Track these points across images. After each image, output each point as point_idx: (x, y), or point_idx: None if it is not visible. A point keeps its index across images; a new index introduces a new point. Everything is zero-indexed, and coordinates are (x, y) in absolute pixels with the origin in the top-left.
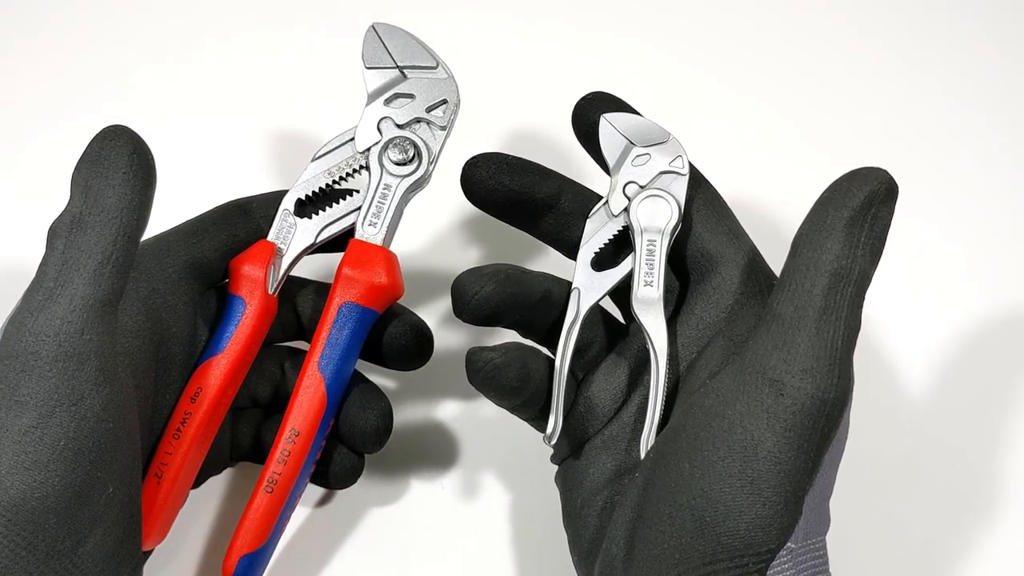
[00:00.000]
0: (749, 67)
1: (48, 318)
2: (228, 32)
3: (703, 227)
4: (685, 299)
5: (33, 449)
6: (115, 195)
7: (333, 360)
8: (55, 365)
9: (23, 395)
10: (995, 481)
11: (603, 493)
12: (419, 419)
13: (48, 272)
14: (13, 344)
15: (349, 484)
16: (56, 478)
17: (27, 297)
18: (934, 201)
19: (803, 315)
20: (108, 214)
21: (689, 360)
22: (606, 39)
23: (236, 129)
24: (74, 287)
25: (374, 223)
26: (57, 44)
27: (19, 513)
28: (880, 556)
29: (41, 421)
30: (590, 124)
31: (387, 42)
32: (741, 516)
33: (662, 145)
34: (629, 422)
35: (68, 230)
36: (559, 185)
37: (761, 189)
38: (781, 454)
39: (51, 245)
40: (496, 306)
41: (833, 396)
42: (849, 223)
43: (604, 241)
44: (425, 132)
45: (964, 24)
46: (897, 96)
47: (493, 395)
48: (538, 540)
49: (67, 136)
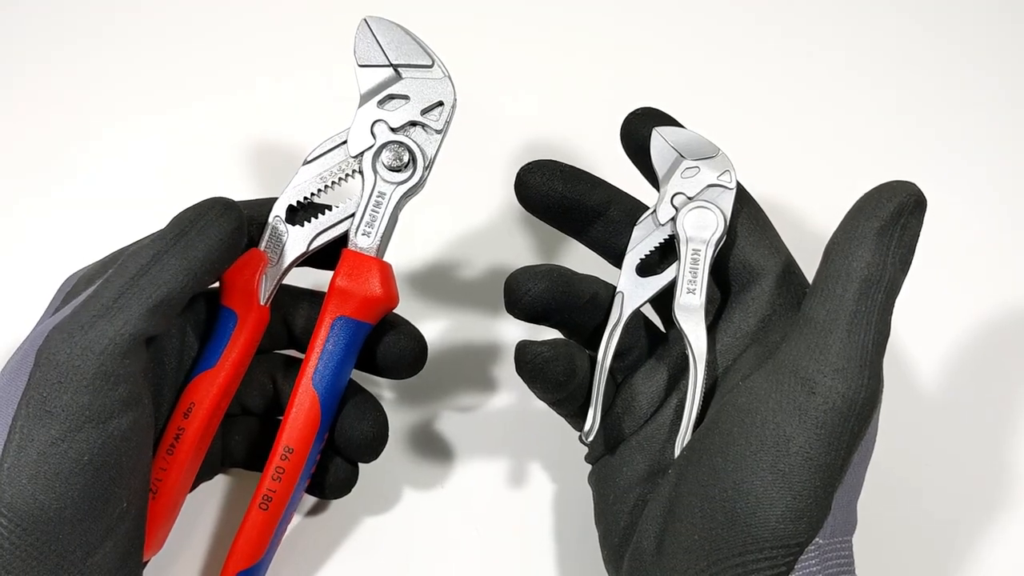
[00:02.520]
0: (780, 79)
1: (98, 336)
2: (216, 36)
3: (746, 240)
4: (725, 308)
5: (56, 461)
6: (203, 252)
7: (327, 375)
8: (93, 383)
9: (55, 406)
10: (1006, 484)
11: (635, 491)
12: (417, 421)
13: (109, 290)
14: (56, 352)
15: (344, 494)
16: (75, 491)
17: (81, 308)
18: (951, 204)
19: (835, 319)
20: (190, 264)
21: (725, 367)
22: (628, 45)
23: (236, 130)
24: (130, 313)
25: (367, 232)
26: (51, 45)
27: (35, 522)
28: (894, 555)
29: (68, 435)
30: (640, 138)
31: (380, 38)
32: (772, 508)
33: (711, 159)
34: (665, 424)
35: (147, 260)
36: (609, 194)
37: (795, 198)
38: (812, 450)
39: (123, 266)
40: (547, 304)
41: (863, 396)
42: (880, 232)
43: (650, 248)
44: (420, 136)
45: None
46: (920, 101)
47: (539, 387)
48: (538, 541)
49: (61, 136)
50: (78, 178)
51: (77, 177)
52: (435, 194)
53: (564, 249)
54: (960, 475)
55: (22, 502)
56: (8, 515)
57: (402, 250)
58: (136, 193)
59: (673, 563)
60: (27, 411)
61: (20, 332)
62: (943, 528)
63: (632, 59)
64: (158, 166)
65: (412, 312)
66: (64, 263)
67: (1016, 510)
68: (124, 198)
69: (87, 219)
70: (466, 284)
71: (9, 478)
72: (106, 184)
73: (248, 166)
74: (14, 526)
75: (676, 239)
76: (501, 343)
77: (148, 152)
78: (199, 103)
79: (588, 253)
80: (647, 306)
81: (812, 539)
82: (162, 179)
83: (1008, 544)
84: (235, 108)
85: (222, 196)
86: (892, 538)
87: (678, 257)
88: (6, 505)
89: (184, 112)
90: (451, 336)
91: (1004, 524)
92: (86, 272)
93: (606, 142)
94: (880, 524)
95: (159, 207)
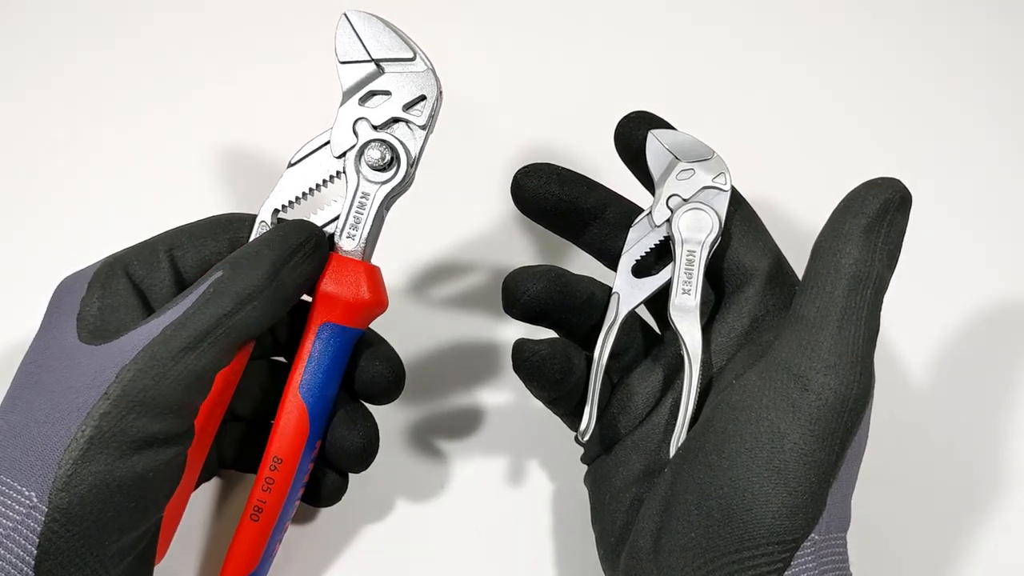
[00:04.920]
0: (768, 80)
1: (185, 372)
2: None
3: (740, 242)
4: (719, 310)
5: (116, 477)
6: (291, 293)
7: (315, 384)
8: (169, 414)
9: (128, 428)
10: (997, 477)
11: (631, 490)
12: (417, 421)
13: (200, 322)
14: (141, 378)
15: (334, 503)
16: (127, 506)
17: (172, 335)
18: (938, 200)
19: (825, 316)
20: (278, 308)
21: (719, 366)
22: (623, 49)
23: (235, 132)
24: (217, 351)
25: (352, 235)
26: (38, 53)
27: (85, 529)
28: (887, 551)
29: (132, 455)
30: (634, 141)
31: (361, 33)
32: (768, 504)
33: (706, 162)
34: (660, 424)
35: (241, 299)
36: (605, 197)
37: (783, 197)
38: (806, 446)
39: (217, 296)
40: (544, 304)
41: (856, 391)
42: (866, 229)
43: (645, 250)
44: (404, 132)
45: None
46: (906, 101)
47: (535, 385)
48: (538, 541)
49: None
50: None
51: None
52: (434, 196)
53: (561, 250)
54: (952, 470)
55: (79, 510)
56: (62, 520)
57: (400, 252)
58: (134, 195)
59: (670, 561)
60: (99, 425)
61: (18, 333)
62: (935, 523)
63: (627, 63)
64: (150, 169)
65: (411, 313)
66: (61, 266)
67: (1008, 503)
68: (120, 201)
69: (81, 223)
70: (464, 285)
71: (67, 486)
72: (105, 185)
73: (239, 169)
74: (66, 531)
75: (671, 240)
76: (499, 343)
77: (143, 155)
78: (190, 106)
79: (585, 254)
80: (642, 307)
81: (808, 535)
82: (155, 182)
83: (1000, 538)
84: (225, 113)
85: (313, 224)
86: (886, 534)
87: (673, 258)
88: (62, 512)
89: (173, 117)
90: (450, 337)
91: (996, 518)
92: (79, 277)
93: (602, 145)
94: (874, 520)
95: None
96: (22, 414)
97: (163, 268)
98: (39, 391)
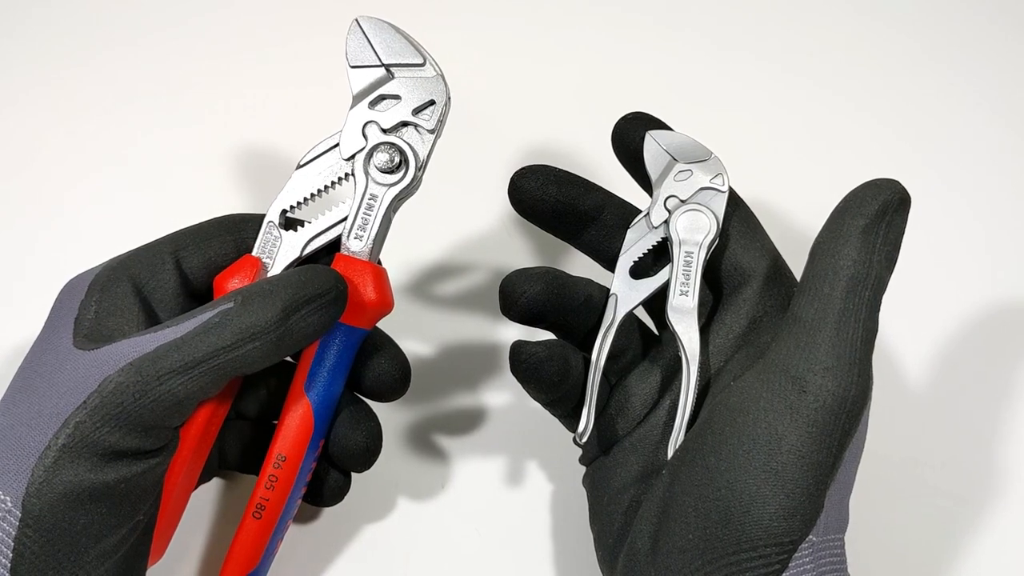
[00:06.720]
0: (766, 81)
1: (166, 394)
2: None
3: (738, 243)
4: (716, 311)
5: (87, 486)
6: (297, 341)
7: (320, 383)
8: (146, 430)
9: (101, 439)
10: (996, 478)
11: (629, 492)
12: (417, 422)
13: (197, 348)
14: (121, 392)
15: (337, 502)
16: (101, 512)
17: (164, 354)
18: (937, 197)
19: (823, 317)
20: (280, 352)
21: (717, 368)
22: (620, 51)
23: (234, 133)
24: (206, 381)
25: (360, 236)
26: (46, 57)
27: (59, 536)
28: (885, 553)
29: (105, 466)
30: (631, 142)
31: (372, 38)
32: (765, 506)
33: (704, 163)
34: (658, 425)
35: (243, 337)
36: (603, 198)
37: (781, 198)
38: (804, 448)
39: (222, 325)
40: (543, 306)
41: (853, 393)
42: (865, 231)
43: (643, 251)
44: (412, 136)
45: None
46: (905, 102)
47: (533, 387)
48: (537, 541)
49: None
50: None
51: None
52: (433, 197)
53: (559, 252)
54: (950, 471)
55: (49, 517)
56: (34, 527)
57: (399, 253)
58: (134, 197)
59: (668, 563)
60: (72, 434)
61: (18, 334)
62: (933, 524)
63: (624, 64)
64: (156, 170)
65: (409, 315)
66: (63, 269)
67: (1005, 505)
68: (123, 202)
69: (84, 223)
70: (462, 287)
71: (39, 493)
72: (104, 188)
73: (244, 171)
74: (39, 536)
75: (669, 242)
76: (499, 344)
77: (144, 159)
78: (194, 109)
79: (583, 256)
80: (640, 308)
81: (805, 537)
82: (162, 183)
83: (998, 539)
84: (233, 113)
85: (336, 275)
86: (884, 534)
87: (671, 259)
88: (34, 519)
89: (179, 119)
90: (448, 338)
91: (994, 519)
92: (83, 278)
93: (599, 146)
94: (872, 521)
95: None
96: (11, 416)
97: (168, 270)
98: (30, 394)
